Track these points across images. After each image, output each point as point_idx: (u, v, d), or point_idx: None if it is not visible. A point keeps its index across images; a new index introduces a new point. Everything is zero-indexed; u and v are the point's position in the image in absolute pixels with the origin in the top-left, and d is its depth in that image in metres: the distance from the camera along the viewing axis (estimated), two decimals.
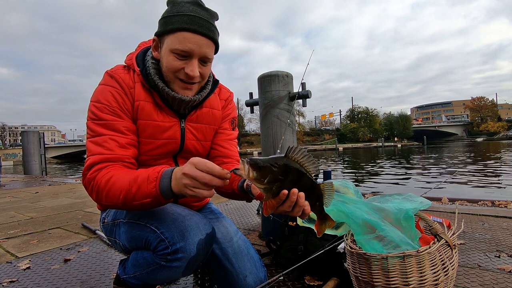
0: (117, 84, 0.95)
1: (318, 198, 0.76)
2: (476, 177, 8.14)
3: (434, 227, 0.92)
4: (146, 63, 0.99)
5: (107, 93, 0.94)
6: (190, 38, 0.88)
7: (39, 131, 10.90)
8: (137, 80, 0.98)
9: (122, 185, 0.83)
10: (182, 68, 0.91)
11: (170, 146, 1.03)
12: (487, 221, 2.09)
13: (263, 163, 0.67)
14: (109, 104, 0.93)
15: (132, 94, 0.96)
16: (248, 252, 1.08)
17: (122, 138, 0.93)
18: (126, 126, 0.94)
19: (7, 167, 30.44)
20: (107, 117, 0.92)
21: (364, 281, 0.92)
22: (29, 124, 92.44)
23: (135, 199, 0.82)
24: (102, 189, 0.85)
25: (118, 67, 1.01)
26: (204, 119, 1.09)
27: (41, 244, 2.05)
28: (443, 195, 2.97)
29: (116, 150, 0.91)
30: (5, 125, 79.11)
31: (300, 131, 56.14)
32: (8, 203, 3.97)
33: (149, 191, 0.80)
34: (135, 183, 0.81)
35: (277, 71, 2.71)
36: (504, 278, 1.24)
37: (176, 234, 0.87)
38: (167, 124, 1.01)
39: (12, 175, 10.17)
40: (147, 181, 0.80)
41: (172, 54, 0.90)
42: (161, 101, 0.99)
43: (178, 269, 0.88)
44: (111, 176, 0.85)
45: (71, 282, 1.40)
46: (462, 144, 46.25)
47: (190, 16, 0.88)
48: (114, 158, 0.90)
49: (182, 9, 0.89)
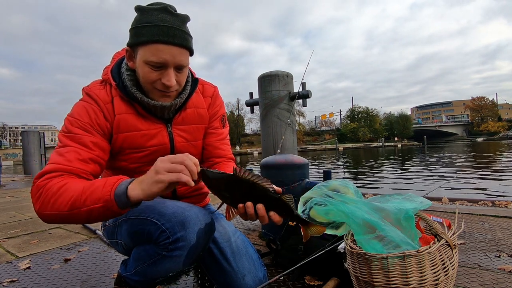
0: (92, 101, 0.96)
1: (283, 207, 0.81)
2: (476, 177, 8.14)
3: (434, 227, 0.92)
4: (122, 75, 0.99)
5: (82, 108, 0.95)
6: (164, 49, 0.87)
7: (39, 131, 10.90)
8: (115, 94, 0.98)
9: (74, 191, 0.78)
10: (158, 79, 0.92)
11: (160, 152, 1.04)
12: (487, 221, 2.09)
13: (212, 174, 0.78)
14: (80, 119, 0.93)
15: (109, 109, 0.97)
16: (246, 251, 1.08)
17: (86, 153, 0.90)
18: (94, 141, 0.93)
19: (7, 167, 30.45)
20: (76, 130, 0.92)
21: (364, 281, 0.92)
22: (29, 124, 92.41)
23: (84, 204, 0.77)
24: (51, 196, 0.79)
25: (94, 84, 1.01)
26: (190, 120, 1.09)
27: (41, 244, 2.05)
28: (443, 195, 2.97)
29: (74, 162, 0.87)
30: (5, 125, 79.16)
31: (300, 131, 56.17)
32: (8, 203, 3.97)
33: (102, 195, 0.76)
34: (89, 188, 0.78)
35: (277, 71, 2.71)
36: (504, 278, 1.24)
37: (177, 224, 0.89)
38: (153, 131, 1.02)
39: (12, 175, 10.18)
40: (103, 186, 0.78)
41: (147, 66, 0.89)
42: (143, 110, 0.99)
43: (179, 258, 0.90)
44: (65, 184, 0.80)
45: (71, 282, 1.40)
46: (462, 144, 46.24)
47: (161, 26, 0.86)
48: (69, 170, 0.85)
49: (152, 18, 0.86)
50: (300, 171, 1.71)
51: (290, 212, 0.82)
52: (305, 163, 1.75)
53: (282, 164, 1.71)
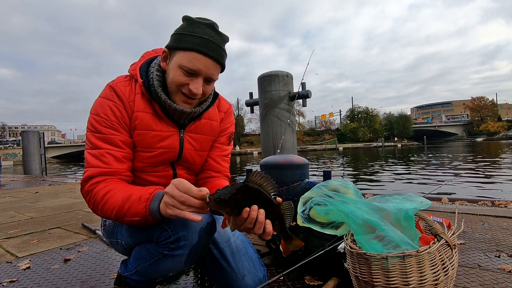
0: (116, 98, 0.98)
1: (277, 217, 0.81)
2: (476, 177, 8.14)
3: (434, 227, 0.92)
4: (150, 74, 1.01)
5: (106, 107, 0.97)
6: (200, 59, 0.92)
7: (39, 131, 10.89)
8: (138, 91, 1.01)
9: (116, 201, 0.89)
10: (187, 84, 0.95)
11: (168, 155, 1.06)
12: (487, 221, 2.09)
13: (224, 196, 0.74)
14: (107, 118, 0.97)
15: (131, 106, 0.99)
16: (246, 251, 1.08)
17: (119, 152, 0.97)
18: (123, 140, 0.99)
19: (7, 167, 30.43)
20: (106, 130, 0.96)
21: (364, 281, 0.92)
22: (29, 124, 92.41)
23: (126, 216, 0.88)
24: (98, 203, 0.91)
25: (119, 79, 1.03)
26: (202, 130, 1.12)
27: (41, 244, 2.05)
28: (443, 195, 2.97)
29: (113, 165, 0.96)
30: (5, 125, 79.11)
31: (300, 131, 56.14)
32: (8, 203, 3.97)
33: (139, 211, 0.86)
34: (127, 201, 0.88)
35: (277, 71, 2.71)
36: (504, 278, 1.24)
37: (178, 224, 0.91)
38: (166, 133, 1.04)
39: (12, 175, 10.17)
40: (138, 201, 0.86)
41: (180, 69, 0.93)
42: (161, 111, 1.01)
43: (181, 258, 0.92)
44: (108, 191, 0.91)
45: (71, 282, 1.40)
46: (462, 144, 46.24)
47: (204, 39, 0.91)
48: (111, 172, 0.95)
49: (197, 30, 0.92)
50: (300, 171, 1.71)
51: (283, 223, 0.82)
52: (305, 163, 1.75)
53: (282, 164, 1.71)
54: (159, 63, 1.01)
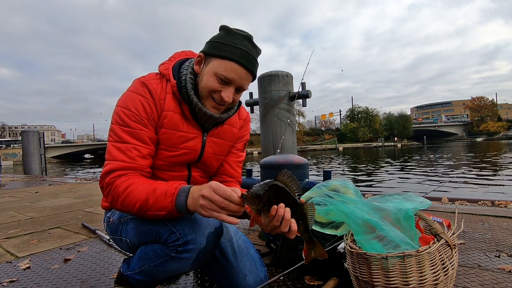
0: (148, 94, 0.99)
1: (301, 216, 0.82)
2: (476, 177, 8.14)
3: (434, 227, 0.92)
4: (183, 76, 1.02)
5: (137, 101, 0.97)
6: (236, 69, 0.94)
7: (39, 131, 10.89)
8: (168, 91, 1.02)
9: (139, 194, 0.89)
10: (219, 91, 0.97)
11: (189, 156, 1.07)
12: (487, 221, 2.09)
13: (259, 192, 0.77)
14: (138, 113, 0.97)
15: (162, 105, 1.00)
16: (248, 251, 1.08)
17: (145, 149, 0.98)
18: (150, 136, 0.99)
19: (7, 167, 30.43)
20: (134, 125, 0.96)
21: (364, 281, 0.92)
22: (29, 124, 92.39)
23: (150, 210, 0.89)
24: (119, 195, 0.91)
25: (151, 76, 1.04)
26: (223, 135, 1.14)
27: (41, 244, 2.05)
28: (443, 195, 2.97)
29: (137, 160, 0.96)
30: (5, 125, 79.08)
31: (300, 131, 56.12)
32: (8, 203, 3.97)
33: (166, 205, 0.87)
34: (152, 195, 0.88)
35: (277, 71, 2.71)
36: (504, 278, 1.24)
37: (187, 227, 0.92)
38: (191, 135, 1.06)
39: (12, 175, 10.17)
40: (164, 195, 0.87)
41: (215, 77, 0.95)
42: (189, 113, 1.03)
43: (187, 261, 0.92)
44: (130, 184, 0.91)
45: (71, 282, 1.40)
46: (462, 144, 46.25)
47: (243, 50, 0.94)
48: (134, 167, 0.95)
49: (236, 41, 0.95)
50: (300, 171, 1.71)
51: (306, 223, 0.83)
52: (305, 163, 1.75)
53: (282, 164, 1.71)
54: (193, 66, 1.02)
